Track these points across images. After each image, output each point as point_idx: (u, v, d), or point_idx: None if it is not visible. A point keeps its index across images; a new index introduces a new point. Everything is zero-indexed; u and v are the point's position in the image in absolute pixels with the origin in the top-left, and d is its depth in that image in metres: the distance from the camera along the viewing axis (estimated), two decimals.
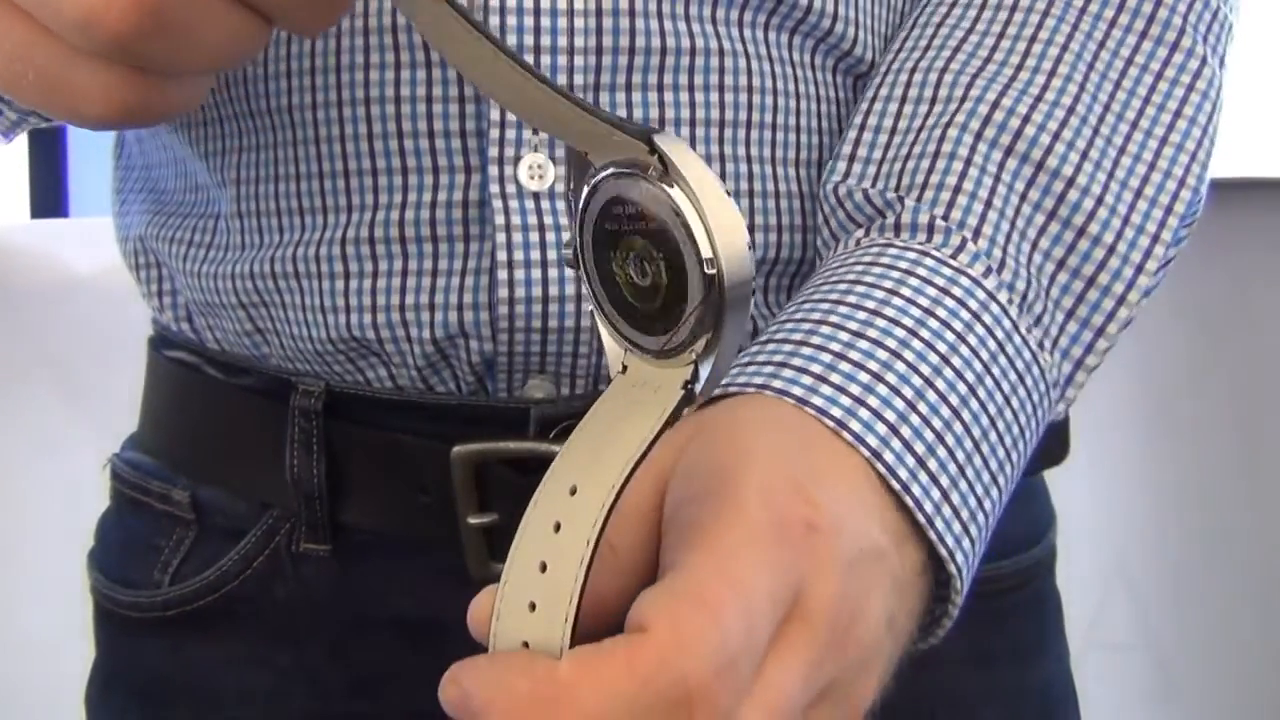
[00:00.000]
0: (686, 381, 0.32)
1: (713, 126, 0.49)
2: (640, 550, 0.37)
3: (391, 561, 0.52)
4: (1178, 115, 0.48)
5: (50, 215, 1.59)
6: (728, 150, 0.49)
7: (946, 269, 0.44)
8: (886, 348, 0.41)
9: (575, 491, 0.33)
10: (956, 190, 0.46)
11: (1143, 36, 0.49)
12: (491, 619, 0.33)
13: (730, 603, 0.32)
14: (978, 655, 0.55)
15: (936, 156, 0.46)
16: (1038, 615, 0.59)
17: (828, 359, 0.41)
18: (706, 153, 0.49)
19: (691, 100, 0.49)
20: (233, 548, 0.54)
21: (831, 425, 0.39)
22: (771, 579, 0.34)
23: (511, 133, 0.47)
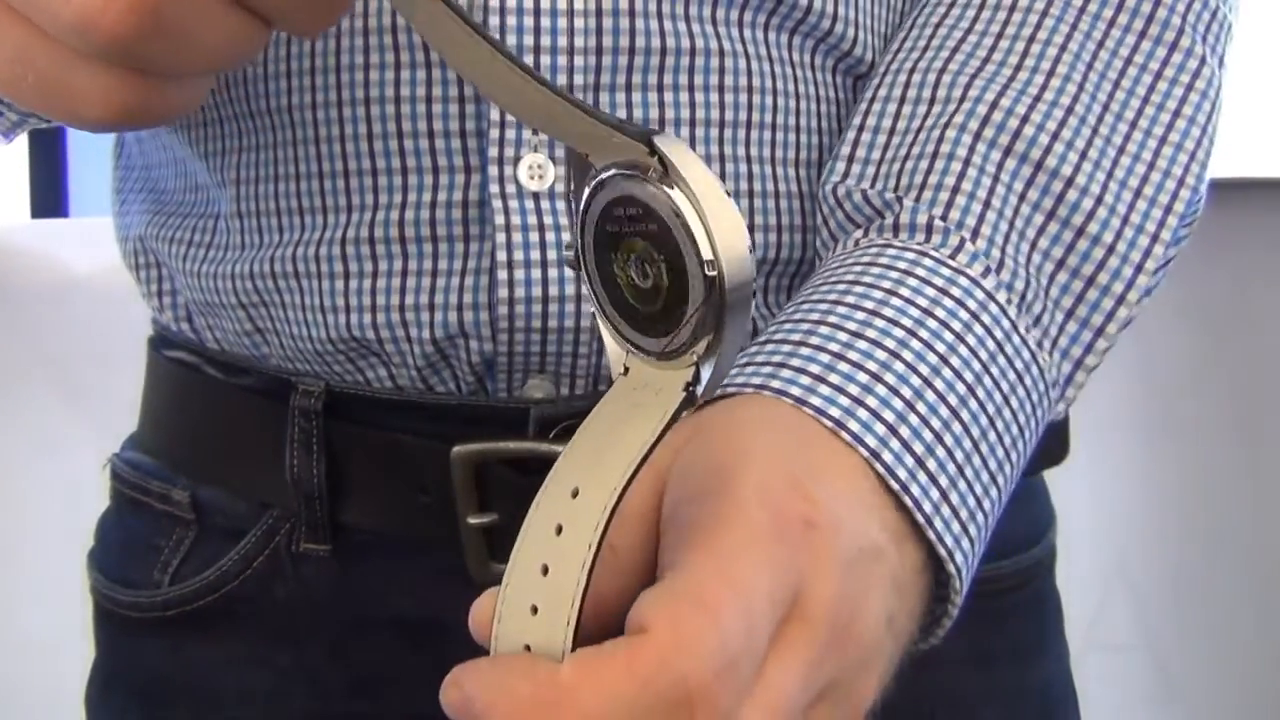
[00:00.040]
0: (688, 383, 0.32)
1: (712, 127, 0.49)
2: (639, 550, 0.37)
3: (391, 561, 0.52)
4: (1177, 115, 0.48)
5: (50, 215, 1.59)
6: (727, 150, 0.49)
7: (945, 269, 0.44)
8: (885, 348, 0.41)
9: (577, 494, 0.33)
10: (955, 190, 0.46)
11: (1142, 36, 0.49)
12: (493, 621, 0.33)
13: (730, 603, 0.32)
14: (978, 655, 0.55)
15: (935, 157, 0.46)
16: (1038, 615, 0.59)
17: (826, 359, 0.41)
18: (706, 153, 0.49)
19: (691, 100, 0.49)
20: (233, 548, 0.54)
21: (829, 425, 0.39)
22: (771, 579, 0.34)
23: (511, 133, 0.47)
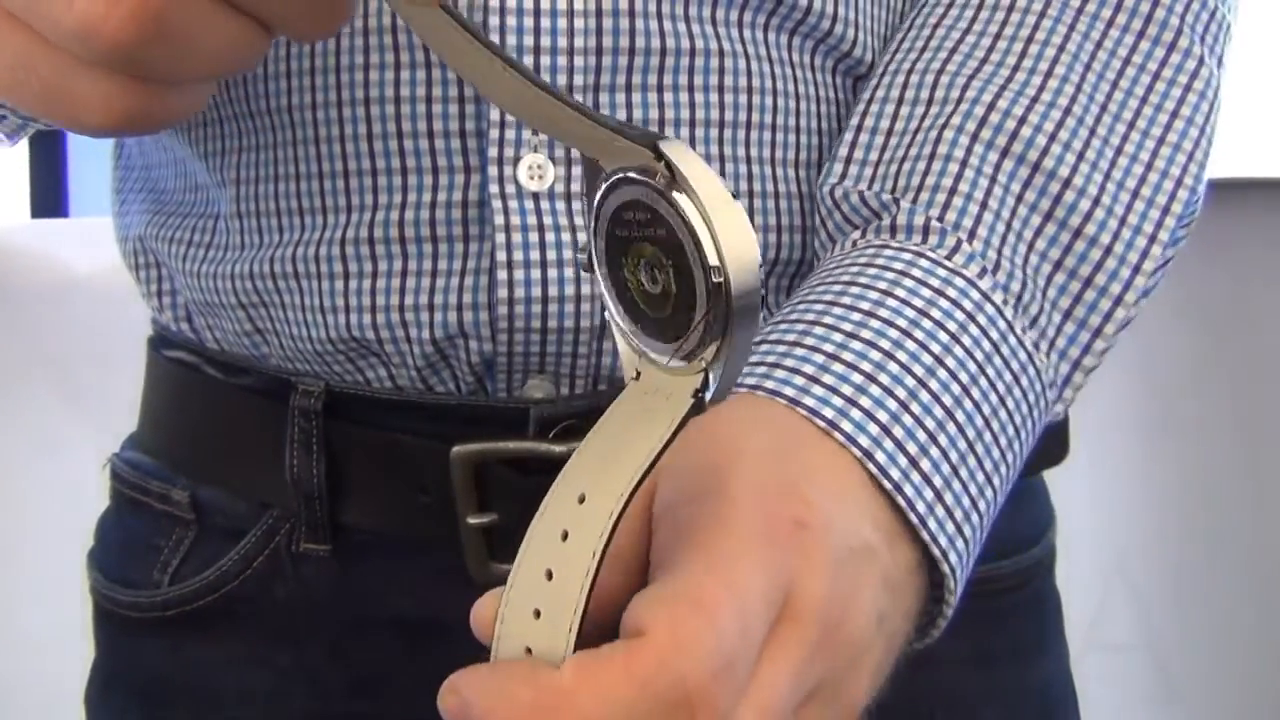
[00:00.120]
0: (696, 390, 0.32)
1: (712, 127, 0.49)
2: (631, 547, 0.37)
3: (391, 561, 0.52)
4: (1175, 115, 0.48)
5: (50, 215, 1.59)
6: (727, 151, 0.49)
7: (941, 271, 0.44)
8: (880, 349, 0.41)
9: (584, 500, 0.33)
10: (952, 192, 0.46)
11: (1140, 36, 0.49)
12: (495, 623, 0.33)
13: (726, 604, 0.33)
14: (978, 655, 0.55)
15: (932, 158, 0.46)
16: (1037, 615, 0.59)
17: (820, 360, 0.41)
18: (706, 153, 0.49)
19: (691, 101, 0.49)
20: (233, 548, 0.54)
21: (823, 426, 0.39)
22: (765, 579, 0.34)
23: (511, 133, 0.48)
